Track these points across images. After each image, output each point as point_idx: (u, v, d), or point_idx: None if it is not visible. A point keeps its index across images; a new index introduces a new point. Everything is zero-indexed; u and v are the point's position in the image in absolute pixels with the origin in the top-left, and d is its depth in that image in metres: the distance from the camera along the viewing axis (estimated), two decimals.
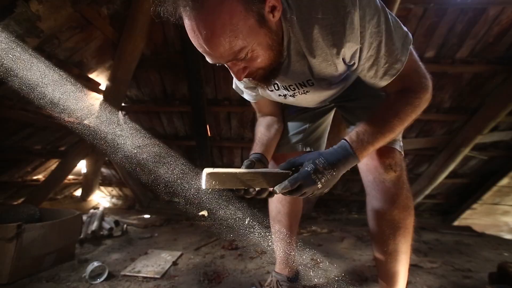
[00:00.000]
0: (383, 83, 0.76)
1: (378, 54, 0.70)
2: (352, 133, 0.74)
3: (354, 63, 0.74)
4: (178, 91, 2.81)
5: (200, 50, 0.64)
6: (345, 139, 0.73)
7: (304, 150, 1.14)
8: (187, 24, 0.60)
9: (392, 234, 0.91)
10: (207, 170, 0.70)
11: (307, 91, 0.88)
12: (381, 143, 0.75)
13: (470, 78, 2.46)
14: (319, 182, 0.67)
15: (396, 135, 0.78)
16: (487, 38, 2.21)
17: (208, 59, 0.67)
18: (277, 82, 0.88)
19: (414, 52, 0.75)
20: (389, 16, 0.68)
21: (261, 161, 0.92)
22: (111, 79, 2.39)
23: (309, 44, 0.71)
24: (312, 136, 1.16)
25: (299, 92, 0.89)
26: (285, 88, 0.90)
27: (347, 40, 0.67)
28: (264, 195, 0.75)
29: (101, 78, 2.55)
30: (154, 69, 2.63)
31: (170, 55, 2.52)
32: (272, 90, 0.93)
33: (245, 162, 0.84)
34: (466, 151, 2.74)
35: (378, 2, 0.67)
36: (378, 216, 0.94)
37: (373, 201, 0.95)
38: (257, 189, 0.73)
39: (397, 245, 0.92)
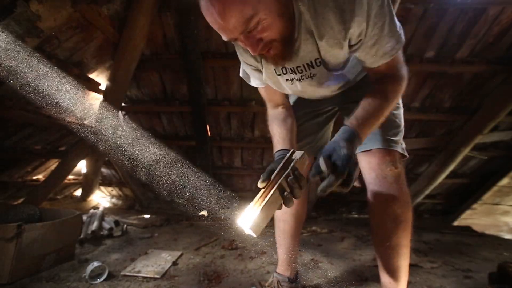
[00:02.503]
0: (382, 61, 0.80)
1: (382, 33, 0.74)
2: (353, 119, 0.78)
3: (359, 41, 0.77)
4: (178, 91, 2.81)
5: (215, 27, 0.68)
6: (346, 125, 0.76)
7: (312, 155, 1.19)
8: (203, 4, 0.65)
9: (394, 227, 0.96)
10: (247, 229, 0.67)
11: (313, 74, 0.89)
12: (375, 126, 0.82)
13: (470, 78, 2.46)
14: (353, 156, 0.67)
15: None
16: (487, 38, 2.21)
17: (224, 36, 0.70)
18: (285, 66, 0.89)
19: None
20: (390, 2, 0.74)
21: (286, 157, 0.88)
22: (111, 79, 2.39)
23: (319, 22, 0.74)
24: (319, 143, 1.22)
25: (305, 75, 0.90)
26: (293, 71, 0.90)
27: (356, 18, 0.71)
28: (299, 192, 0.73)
29: (101, 78, 2.54)
30: (154, 69, 2.63)
31: (170, 55, 2.52)
32: (280, 74, 0.93)
33: (278, 155, 0.88)
34: (466, 151, 2.74)
35: None
36: (381, 211, 0.97)
37: (376, 197, 0.98)
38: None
39: (398, 239, 0.96)
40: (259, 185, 0.74)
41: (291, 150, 0.79)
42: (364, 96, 0.84)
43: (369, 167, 0.99)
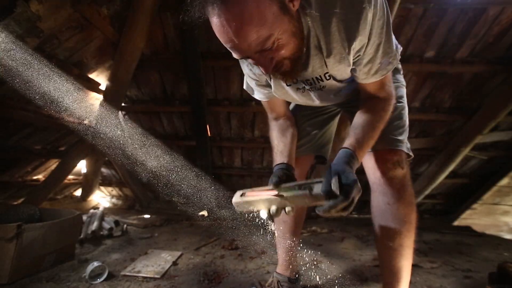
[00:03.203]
0: (373, 79, 0.82)
1: (376, 53, 0.76)
2: (353, 142, 0.79)
3: (357, 57, 0.79)
4: (178, 91, 2.81)
5: (228, 45, 0.66)
6: (348, 148, 0.78)
7: (315, 153, 1.18)
8: (215, 22, 0.63)
9: (398, 228, 0.95)
10: (234, 198, 0.79)
11: (323, 86, 0.92)
12: (371, 145, 0.85)
13: (470, 78, 2.46)
14: (357, 183, 0.67)
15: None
16: (487, 38, 2.21)
17: (235, 54, 0.69)
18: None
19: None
20: (390, 22, 0.76)
21: (288, 171, 0.90)
22: (111, 79, 2.39)
23: (327, 38, 0.75)
24: (320, 141, 1.20)
25: (315, 87, 0.92)
26: (303, 82, 0.92)
27: (359, 35, 0.72)
28: (288, 212, 0.77)
29: (101, 78, 2.54)
30: (154, 69, 2.63)
31: (170, 55, 2.52)
32: (290, 85, 0.93)
33: (273, 179, 0.82)
34: (466, 151, 2.74)
35: (385, 6, 0.73)
36: (385, 211, 0.97)
37: (380, 196, 0.98)
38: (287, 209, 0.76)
39: (402, 240, 0.95)
40: (271, 184, 0.80)
41: (318, 181, 0.75)
42: (358, 113, 0.88)
43: (374, 167, 0.98)
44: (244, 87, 1.09)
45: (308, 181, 0.75)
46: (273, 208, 0.75)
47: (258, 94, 1.04)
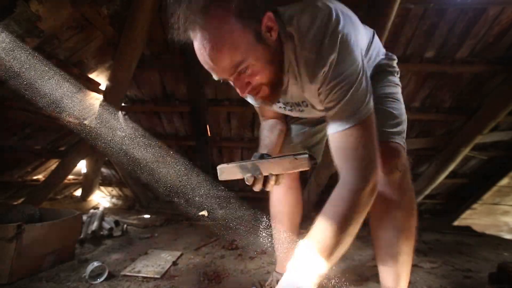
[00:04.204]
0: (331, 130, 0.77)
1: (341, 99, 0.73)
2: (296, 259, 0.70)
3: (324, 101, 0.79)
4: (178, 91, 2.81)
5: (206, 67, 0.72)
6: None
7: (303, 151, 1.15)
8: (195, 45, 0.69)
9: (396, 236, 0.91)
10: (220, 166, 0.86)
11: (302, 110, 0.97)
12: (334, 257, 0.70)
13: (470, 78, 2.46)
14: None
15: (349, 241, 0.71)
16: (487, 38, 2.21)
17: (214, 76, 0.74)
18: None
19: (371, 129, 0.74)
20: (363, 76, 0.73)
21: (264, 156, 0.95)
22: (111, 79, 2.39)
23: (301, 71, 0.79)
24: (311, 140, 1.19)
25: (295, 109, 0.98)
26: (284, 104, 0.99)
27: (321, 80, 0.75)
28: (271, 182, 0.83)
29: (101, 78, 2.54)
30: (154, 69, 2.63)
31: (170, 55, 2.52)
32: (273, 105, 1.00)
33: (255, 154, 0.90)
34: (466, 151, 2.74)
35: (359, 59, 0.72)
36: (382, 218, 0.92)
37: (377, 203, 0.90)
38: (264, 175, 0.82)
39: (400, 247, 0.91)
40: (254, 158, 0.87)
41: (303, 152, 0.80)
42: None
43: None
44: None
45: (290, 154, 0.81)
46: (258, 173, 0.81)
47: (251, 100, 1.07)
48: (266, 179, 0.84)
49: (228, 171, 0.85)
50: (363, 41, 0.92)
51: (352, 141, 0.73)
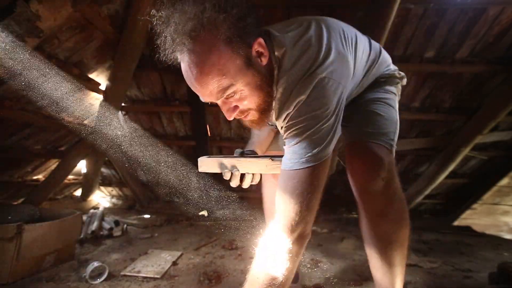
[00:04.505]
0: (282, 166, 0.75)
1: (291, 142, 0.73)
2: None
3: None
4: (178, 91, 2.81)
5: (193, 89, 0.71)
6: None
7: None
8: (183, 67, 0.69)
9: (384, 248, 0.86)
10: (201, 157, 0.88)
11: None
12: None
13: (470, 78, 2.46)
14: None
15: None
16: (487, 38, 2.21)
17: (201, 98, 0.73)
18: None
19: (319, 178, 0.72)
20: (328, 123, 0.69)
21: (245, 154, 0.97)
22: (111, 79, 2.39)
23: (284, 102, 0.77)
24: None
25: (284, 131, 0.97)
26: (273, 124, 1.00)
27: (283, 119, 0.75)
28: (248, 180, 0.86)
29: (101, 78, 2.54)
30: (154, 69, 2.63)
31: None
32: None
33: (237, 151, 0.92)
34: (466, 151, 2.74)
35: (333, 103, 0.69)
36: (368, 230, 0.87)
37: (362, 214, 0.88)
38: (241, 172, 0.85)
39: (389, 259, 0.86)
40: (236, 154, 0.91)
41: (281, 156, 0.82)
42: None
43: (350, 173, 0.86)
44: None
45: (268, 155, 0.85)
46: (235, 171, 0.84)
47: None
48: (243, 177, 0.86)
49: (207, 164, 0.87)
50: (364, 58, 0.88)
51: (293, 185, 0.70)
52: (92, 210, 2.63)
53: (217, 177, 0.98)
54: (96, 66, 2.39)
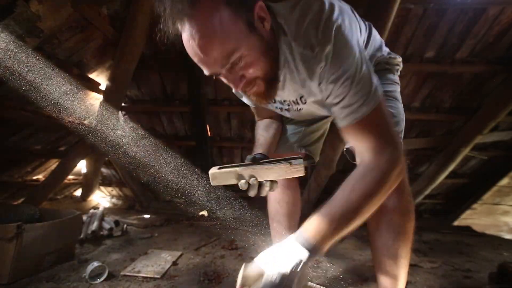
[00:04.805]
0: (343, 123, 0.74)
1: (346, 94, 0.70)
2: (306, 224, 0.70)
3: (327, 94, 0.75)
4: (178, 91, 2.81)
5: (196, 59, 0.67)
6: (300, 235, 0.69)
7: (300, 151, 1.14)
8: (184, 36, 0.65)
9: (392, 239, 0.88)
10: (211, 170, 0.78)
11: (300, 109, 0.92)
12: (344, 231, 0.70)
13: (470, 78, 2.46)
14: None
15: (362, 220, 0.71)
16: (487, 38, 2.21)
17: (205, 70, 0.69)
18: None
19: (386, 113, 0.73)
20: (363, 64, 0.69)
21: (259, 159, 0.91)
22: (111, 79, 2.39)
23: (297, 70, 0.76)
24: (308, 139, 1.17)
25: (292, 108, 0.93)
26: (280, 102, 0.94)
27: (321, 76, 0.71)
28: (266, 189, 0.77)
29: (101, 78, 2.54)
30: (154, 69, 2.63)
31: (170, 55, 2.52)
32: (268, 103, 0.95)
33: (248, 157, 0.86)
34: (466, 151, 2.74)
35: (356, 48, 0.69)
36: (379, 221, 0.90)
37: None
38: (259, 181, 0.76)
39: (396, 250, 0.89)
40: (248, 161, 0.83)
41: (297, 157, 0.78)
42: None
43: None
44: (233, 91, 1.11)
45: (285, 158, 0.77)
46: (253, 180, 0.76)
47: (246, 99, 1.05)
48: (260, 185, 0.80)
49: (220, 177, 0.79)
50: (361, 32, 0.88)
51: (370, 129, 0.71)
52: (92, 210, 2.63)
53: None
54: (96, 66, 2.40)
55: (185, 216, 2.96)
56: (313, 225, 0.69)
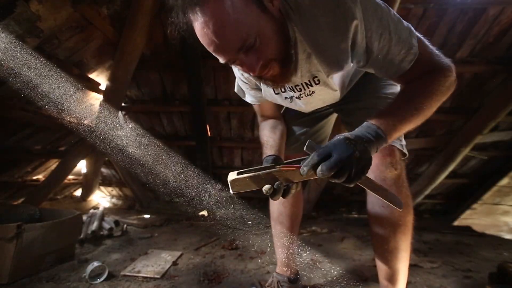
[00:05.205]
0: (401, 70, 0.76)
1: (390, 43, 0.72)
2: (375, 115, 0.71)
3: (367, 57, 0.75)
4: (178, 91, 2.81)
5: (211, 48, 0.66)
6: (369, 121, 0.70)
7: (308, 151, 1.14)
8: (197, 26, 0.64)
9: (393, 231, 0.94)
10: (230, 177, 0.70)
11: (312, 92, 0.91)
12: (410, 124, 0.73)
13: (470, 78, 2.46)
14: (356, 151, 0.60)
15: (425, 117, 0.76)
16: (487, 38, 2.21)
17: (220, 58, 0.69)
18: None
19: (424, 40, 0.79)
20: (391, 9, 0.73)
21: (277, 161, 0.91)
22: (111, 79, 2.39)
23: (314, 44, 0.75)
24: (313, 138, 1.18)
25: (305, 93, 0.92)
26: (292, 89, 0.93)
27: (353, 34, 0.70)
28: (292, 192, 0.74)
29: (101, 78, 2.54)
30: (154, 69, 2.63)
31: (170, 55, 2.52)
32: (278, 93, 0.95)
33: (268, 159, 0.86)
34: (466, 151, 2.74)
35: (387, 20, 0.71)
36: (379, 214, 0.96)
37: (374, 199, 0.96)
38: (284, 184, 0.71)
39: (397, 243, 0.94)
40: (267, 163, 0.82)
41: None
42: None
43: None
44: (236, 90, 1.11)
45: (301, 158, 0.72)
46: (278, 183, 0.70)
47: (249, 98, 1.06)
48: (286, 187, 0.75)
49: (242, 183, 0.71)
50: None
51: (424, 63, 0.77)
52: (92, 210, 2.63)
53: (216, 177, 0.92)
54: (96, 66, 2.40)
55: (185, 216, 2.96)
56: (379, 117, 0.70)
